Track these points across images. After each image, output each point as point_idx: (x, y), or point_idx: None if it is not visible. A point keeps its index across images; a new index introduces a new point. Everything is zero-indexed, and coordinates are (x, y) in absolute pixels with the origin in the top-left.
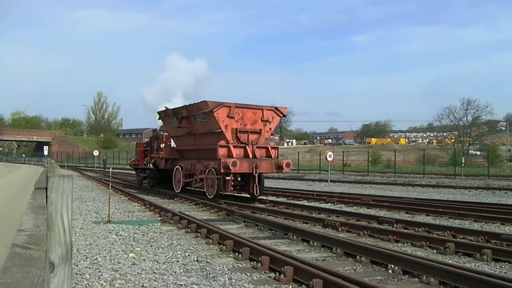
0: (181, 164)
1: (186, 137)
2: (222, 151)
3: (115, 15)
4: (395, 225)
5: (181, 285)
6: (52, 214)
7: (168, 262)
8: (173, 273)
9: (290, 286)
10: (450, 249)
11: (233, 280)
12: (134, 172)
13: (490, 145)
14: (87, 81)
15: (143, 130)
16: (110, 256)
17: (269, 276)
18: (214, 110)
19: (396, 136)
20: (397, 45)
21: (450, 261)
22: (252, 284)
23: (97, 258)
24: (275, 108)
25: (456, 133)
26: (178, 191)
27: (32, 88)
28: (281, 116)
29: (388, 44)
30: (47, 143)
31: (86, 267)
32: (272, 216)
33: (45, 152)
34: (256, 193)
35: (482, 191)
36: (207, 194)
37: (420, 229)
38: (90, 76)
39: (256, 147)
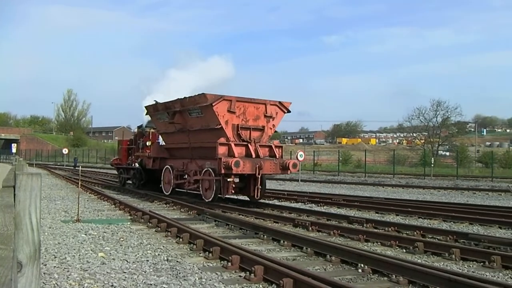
0: (171, 163)
1: (178, 134)
2: (222, 150)
3: (85, 11)
4: (365, 225)
5: (151, 284)
6: (20, 213)
7: (138, 262)
8: (143, 273)
9: (261, 286)
10: (419, 249)
11: (203, 280)
12: (104, 171)
13: (459, 146)
14: (57, 78)
15: (114, 128)
16: (79, 255)
17: (240, 276)
18: (213, 104)
19: (367, 137)
20: (367, 46)
21: (419, 260)
22: (223, 283)
23: (66, 258)
24: (279, 103)
25: (426, 133)
26: (168, 193)
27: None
28: (285, 111)
29: (359, 45)
30: (15, 141)
31: (55, 266)
32: (242, 215)
33: (13, 150)
34: (257, 196)
35: (451, 191)
36: (203, 197)
37: (390, 229)
38: (60, 74)
39: (259, 145)
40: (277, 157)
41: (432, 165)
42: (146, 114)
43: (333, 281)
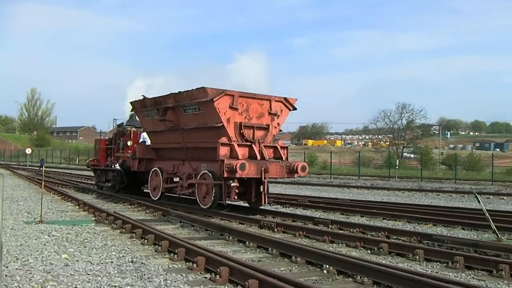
0: (159, 165)
1: (169, 133)
2: (223, 151)
3: (51, 9)
4: (330, 226)
5: (115, 286)
6: None
7: (102, 263)
8: (107, 274)
9: (226, 287)
10: (383, 250)
11: (168, 281)
12: (69, 171)
13: (424, 148)
14: (20, 77)
15: (78, 128)
16: (42, 257)
17: (205, 277)
18: (214, 100)
19: (333, 138)
20: (333, 48)
21: (383, 261)
22: (188, 285)
23: (28, 259)
24: (285, 99)
25: (391, 136)
26: (156, 198)
27: None
28: (291, 109)
29: (325, 47)
30: None
31: (17, 268)
32: (207, 216)
33: None
34: (264, 202)
35: (415, 193)
36: (199, 203)
37: (355, 230)
38: (24, 73)
39: (264, 146)
40: (284, 159)
41: (397, 167)
42: (132, 110)
43: (298, 282)
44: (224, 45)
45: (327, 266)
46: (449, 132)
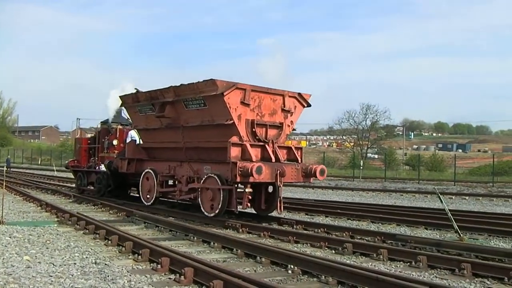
0: (152, 167)
1: (165, 131)
2: (235, 151)
3: (10, 6)
4: (295, 226)
5: None
6: None
7: (65, 265)
8: (70, 276)
9: None
10: (348, 249)
11: (133, 282)
12: (30, 171)
13: (388, 149)
14: None
15: (41, 127)
16: (3, 259)
17: (169, 278)
18: (225, 93)
19: (297, 139)
20: (299, 50)
21: (348, 261)
22: (152, 286)
23: None
24: (299, 94)
25: (355, 136)
26: (150, 203)
27: None
28: (305, 105)
29: (291, 48)
30: None
31: None
32: (172, 217)
33: None
34: (280, 210)
35: (379, 193)
36: (204, 210)
37: (319, 230)
38: None
39: (278, 146)
40: (299, 161)
41: (361, 168)
42: (121, 105)
43: (263, 282)
44: (187, 45)
45: (292, 266)
46: (412, 133)
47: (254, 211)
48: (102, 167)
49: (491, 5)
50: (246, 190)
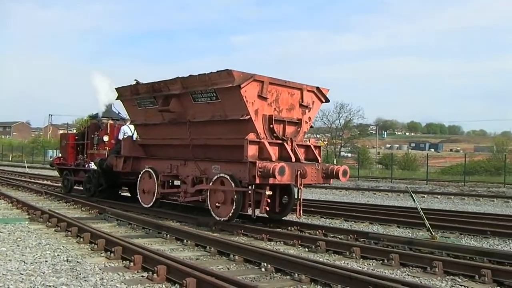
0: (151, 165)
1: (168, 126)
2: (252, 150)
3: None
4: (268, 224)
5: (50, 286)
6: None
7: (36, 263)
8: (41, 274)
9: (164, 286)
10: (321, 248)
11: (105, 280)
12: (1, 168)
13: (361, 148)
14: None
15: (12, 123)
16: None
17: (142, 276)
18: (242, 86)
19: None
20: (275, 47)
21: (321, 259)
22: (125, 284)
23: None
24: (317, 89)
25: (329, 135)
26: (149, 205)
27: None
28: (323, 101)
29: (265, 46)
30: None
31: None
32: (145, 215)
33: None
34: (299, 214)
35: (352, 192)
36: (214, 214)
37: (293, 228)
38: None
39: (296, 145)
40: (319, 161)
41: None
42: (117, 98)
43: (236, 280)
44: (161, 42)
45: (265, 264)
46: (385, 132)
47: (261, 215)
48: (92, 165)
49: (463, 7)
50: (266, 192)
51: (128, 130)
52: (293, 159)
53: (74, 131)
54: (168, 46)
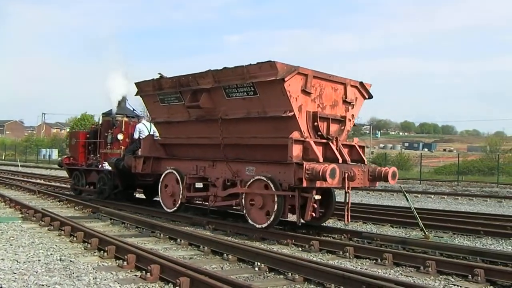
0: (175, 167)
1: (195, 124)
2: (296, 150)
3: None
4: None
5: (43, 285)
6: None
7: (29, 262)
8: (34, 273)
9: (157, 285)
10: (314, 247)
11: (98, 279)
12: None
13: None
14: None
15: (5, 122)
16: None
17: (135, 275)
18: (286, 79)
19: None
20: (269, 46)
21: (314, 258)
22: (118, 283)
23: None
24: (361, 84)
25: None
26: (173, 210)
27: None
28: (366, 97)
29: (259, 46)
30: None
31: None
32: (138, 214)
33: None
34: (347, 220)
35: None
36: (251, 221)
37: (286, 228)
38: None
39: (342, 144)
40: (365, 162)
41: None
42: (137, 94)
43: (230, 280)
44: (156, 41)
45: (259, 264)
46: (379, 132)
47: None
48: (106, 165)
49: (458, 7)
50: (315, 197)
51: (144, 128)
52: (340, 160)
53: (80, 129)
54: (160, 45)
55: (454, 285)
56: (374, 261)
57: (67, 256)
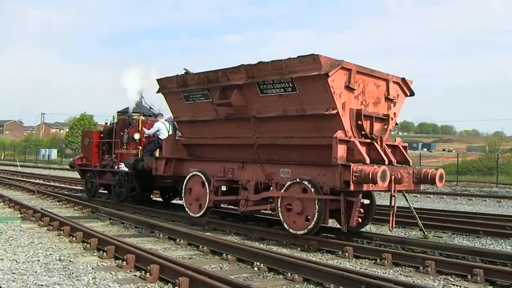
0: (200, 168)
1: (223, 123)
2: (341, 150)
3: None
4: (261, 224)
5: (42, 285)
6: None
7: (28, 262)
8: (34, 273)
9: (156, 285)
10: (314, 247)
11: (97, 280)
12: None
13: None
14: None
15: (4, 122)
16: None
17: (135, 275)
18: (330, 74)
19: None
20: (267, 47)
21: (314, 259)
22: (117, 283)
23: None
24: (403, 80)
25: None
26: (199, 214)
27: None
28: (408, 94)
29: (259, 45)
30: None
31: None
32: (137, 214)
33: None
34: (392, 226)
35: None
36: (288, 227)
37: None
38: None
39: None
40: (410, 163)
41: None
42: (158, 91)
43: (229, 280)
44: (155, 41)
45: (258, 264)
46: None
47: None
48: (122, 166)
49: (457, 7)
50: (363, 201)
51: (163, 127)
52: (386, 161)
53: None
54: (159, 45)
55: (454, 285)
56: (374, 261)
57: (66, 256)
